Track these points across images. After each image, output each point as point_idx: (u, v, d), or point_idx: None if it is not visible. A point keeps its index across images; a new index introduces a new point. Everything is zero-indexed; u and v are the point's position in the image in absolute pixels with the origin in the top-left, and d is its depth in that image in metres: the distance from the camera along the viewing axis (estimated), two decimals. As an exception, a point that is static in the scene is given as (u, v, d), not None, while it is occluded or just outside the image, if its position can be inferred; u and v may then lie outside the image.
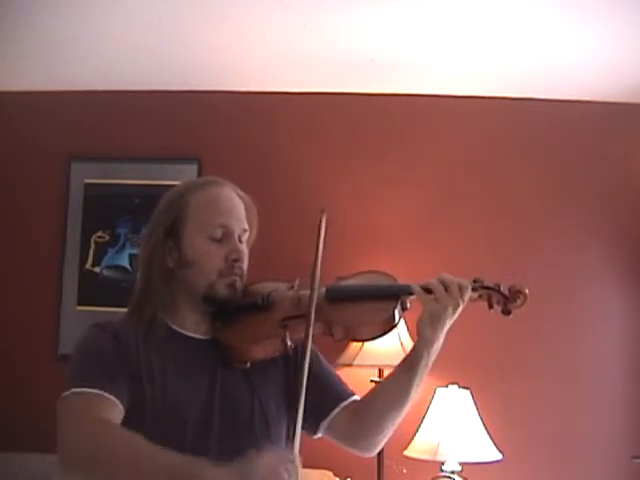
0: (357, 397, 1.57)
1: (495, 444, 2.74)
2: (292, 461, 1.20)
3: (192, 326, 1.50)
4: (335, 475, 2.88)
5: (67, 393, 1.33)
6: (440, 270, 1.48)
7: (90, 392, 1.32)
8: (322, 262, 1.50)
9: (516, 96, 3.23)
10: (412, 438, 2.77)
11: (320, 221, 1.52)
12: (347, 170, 3.27)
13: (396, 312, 1.46)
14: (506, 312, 1.45)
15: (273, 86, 3.27)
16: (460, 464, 2.68)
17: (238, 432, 1.43)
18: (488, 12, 2.55)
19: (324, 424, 1.53)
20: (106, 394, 1.32)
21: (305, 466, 2.92)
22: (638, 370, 3.08)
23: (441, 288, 1.41)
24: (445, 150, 3.27)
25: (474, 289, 1.44)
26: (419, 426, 2.78)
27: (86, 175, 3.34)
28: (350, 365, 2.80)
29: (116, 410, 1.33)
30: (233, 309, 1.49)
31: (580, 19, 2.55)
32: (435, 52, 2.89)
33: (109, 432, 1.27)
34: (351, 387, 1.61)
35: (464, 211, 3.22)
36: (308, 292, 1.45)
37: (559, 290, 3.08)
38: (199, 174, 3.24)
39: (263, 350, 1.46)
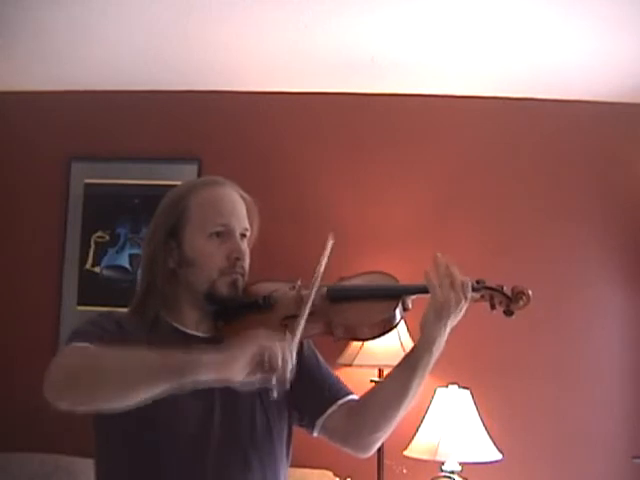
0: (355, 396, 1.56)
1: (495, 444, 2.74)
2: (289, 345, 1.22)
3: (193, 324, 1.51)
4: (335, 475, 2.88)
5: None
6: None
7: (88, 345, 1.32)
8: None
9: (516, 96, 3.23)
10: (412, 438, 2.77)
11: (326, 241, 1.53)
12: (347, 169, 3.27)
13: (397, 312, 1.46)
14: (508, 313, 1.45)
15: (273, 86, 3.27)
16: (460, 464, 2.68)
17: (239, 429, 1.43)
18: (488, 12, 2.55)
19: (320, 422, 1.52)
20: None
21: (305, 466, 2.94)
22: (638, 370, 3.08)
23: (447, 280, 1.39)
24: (445, 150, 3.27)
25: (476, 289, 1.44)
26: (419, 426, 2.78)
27: (86, 175, 3.34)
28: (350, 365, 2.81)
29: None
30: (234, 308, 1.50)
31: (580, 19, 2.55)
32: (435, 52, 2.89)
33: (96, 350, 1.30)
34: (351, 387, 1.60)
35: (464, 210, 3.22)
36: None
37: (559, 289, 3.07)
38: (199, 174, 3.24)
39: None
